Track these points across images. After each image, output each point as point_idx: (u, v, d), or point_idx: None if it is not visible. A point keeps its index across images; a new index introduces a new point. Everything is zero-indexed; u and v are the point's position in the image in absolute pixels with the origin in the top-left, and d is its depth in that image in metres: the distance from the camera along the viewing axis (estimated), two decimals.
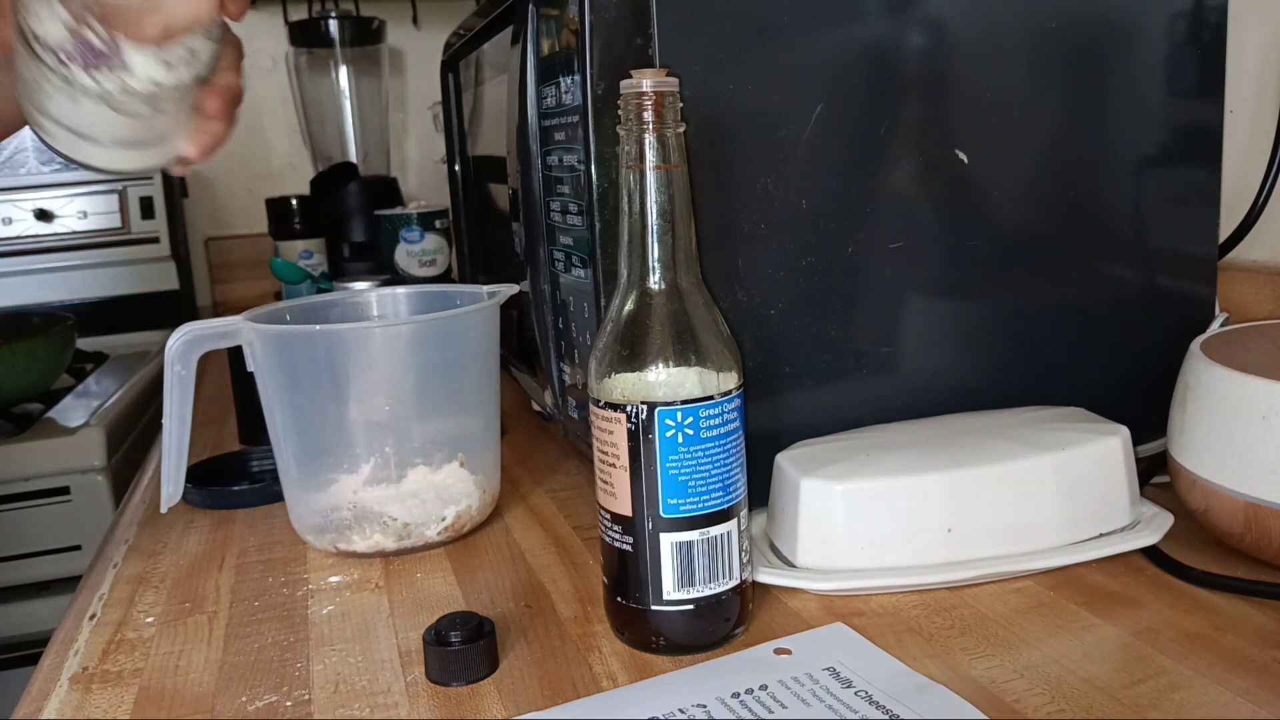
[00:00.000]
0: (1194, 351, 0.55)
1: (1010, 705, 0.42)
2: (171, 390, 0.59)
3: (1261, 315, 0.73)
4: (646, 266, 0.46)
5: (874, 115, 0.57)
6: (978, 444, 0.53)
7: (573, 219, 0.59)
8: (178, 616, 0.55)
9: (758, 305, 0.57)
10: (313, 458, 0.60)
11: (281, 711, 0.45)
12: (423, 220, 1.22)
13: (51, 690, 0.49)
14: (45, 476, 1.11)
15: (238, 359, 0.84)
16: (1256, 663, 0.44)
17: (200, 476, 0.75)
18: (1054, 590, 0.51)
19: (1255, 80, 0.75)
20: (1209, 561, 0.52)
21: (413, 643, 0.51)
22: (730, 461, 0.46)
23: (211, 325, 0.60)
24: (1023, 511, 0.52)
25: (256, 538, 0.66)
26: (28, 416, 1.19)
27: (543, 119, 0.62)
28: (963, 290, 0.61)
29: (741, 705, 0.42)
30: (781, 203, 0.56)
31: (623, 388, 0.46)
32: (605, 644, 0.49)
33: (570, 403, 0.65)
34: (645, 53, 0.53)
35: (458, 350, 0.61)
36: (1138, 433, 0.56)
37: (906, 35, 0.57)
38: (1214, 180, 0.66)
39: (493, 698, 0.45)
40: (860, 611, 0.50)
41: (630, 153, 0.45)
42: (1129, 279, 0.64)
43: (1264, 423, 0.49)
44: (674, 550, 0.46)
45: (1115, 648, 0.46)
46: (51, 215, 1.59)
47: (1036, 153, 0.61)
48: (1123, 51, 0.62)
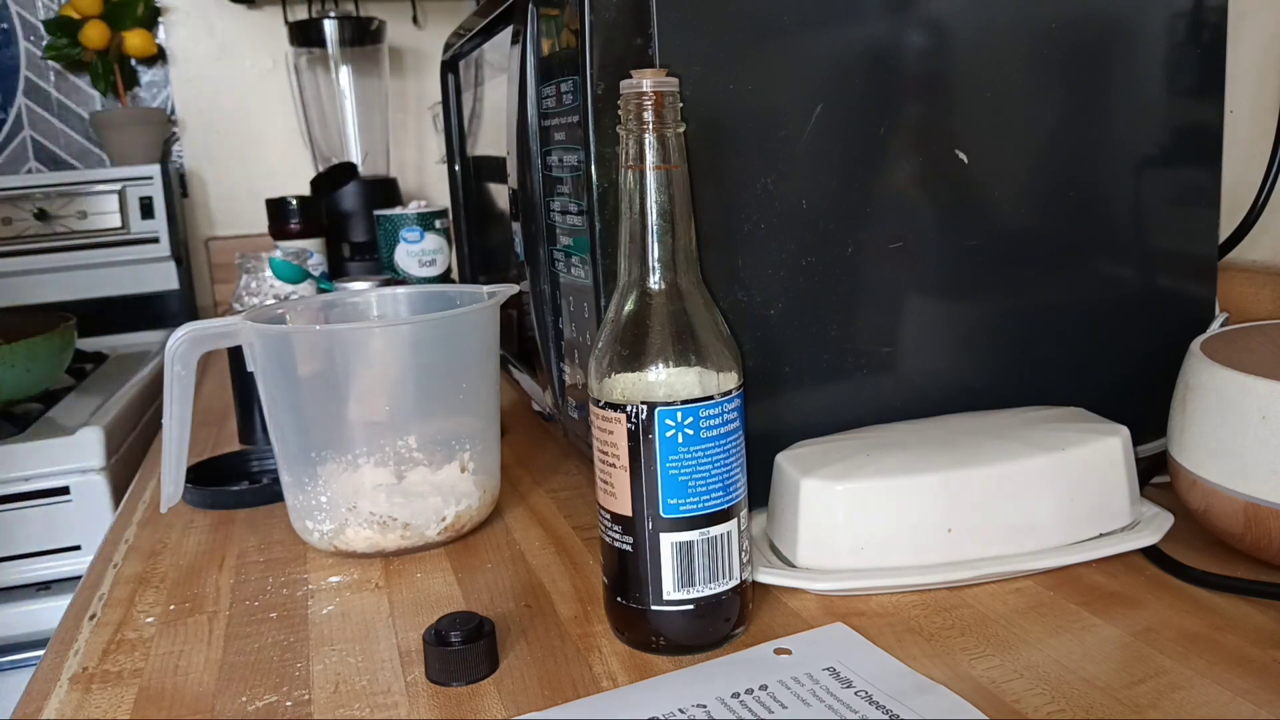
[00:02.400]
0: (1194, 351, 0.55)
1: (1010, 705, 0.42)
2: (171, 390, 0.59)
3: (1261, 315, 0.73)
4: (646, 266, 0.46)
5: (874, 115, 0.57)
6: (977, 444, 0.53)
7: (573, 219, 0.59)
8: (178, 616, 0.55)
9: (758, 305, 0.57)
10: (312, 458, 0.60)
11: (281, 711, 0.45)
12: (423, 220, 1.22)
13: (51, 690, 0.49)
14: (45, 476, 1.10)
15: (238, 359, 0.85)
16: (1256, 663, 0.44)
17: (200, 476, 0.75)
18: (1054, 590, 0.51)
19: (1255, 80, 0.75)
20: (1209, 561, 0.52)
21: (413, 643, 0.51)
22: (730, 461, 0.46)
23: (211, 325, 0.60)
24: (1023, 511, 0.52)
25: (256, 538, 0.66)
26: (28, 416, 1.19)
27: (543, 119, 0.62)
28: (963, 290, 0.61)
29: (741, 705, 0.42)
30: (781, 203, 0.56)
31: (623, 388, 0.46)
32: (605, 644, 0.49)
33: (570, 403, 0.65)
34: (645, 53, 0.53)
35: (458, 350, 0.61)
36: (1138, 433, 0.56)
37: (906, 35, 0.57)
38: (1214, 180, 0.66)
39: (493, 698, 0.45)
40: (860, 611, 0.50)
41: (630, 153, 0.45)
42: (1129, 279, 0.64)
43: (1264, 423, 0.49)
44: (674, 550, 0.46)
45: (1115, 648, 0.46)
46: (51, 215, 1.59)
47: (1036, 153, 0.61)
48: (1123, 51, 0.62)
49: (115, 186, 1.61)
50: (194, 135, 1.82)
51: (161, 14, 1.78)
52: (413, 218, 1.20)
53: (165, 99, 1.80)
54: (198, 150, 1.83)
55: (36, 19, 1.72)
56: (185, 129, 1.82)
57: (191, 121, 1.82)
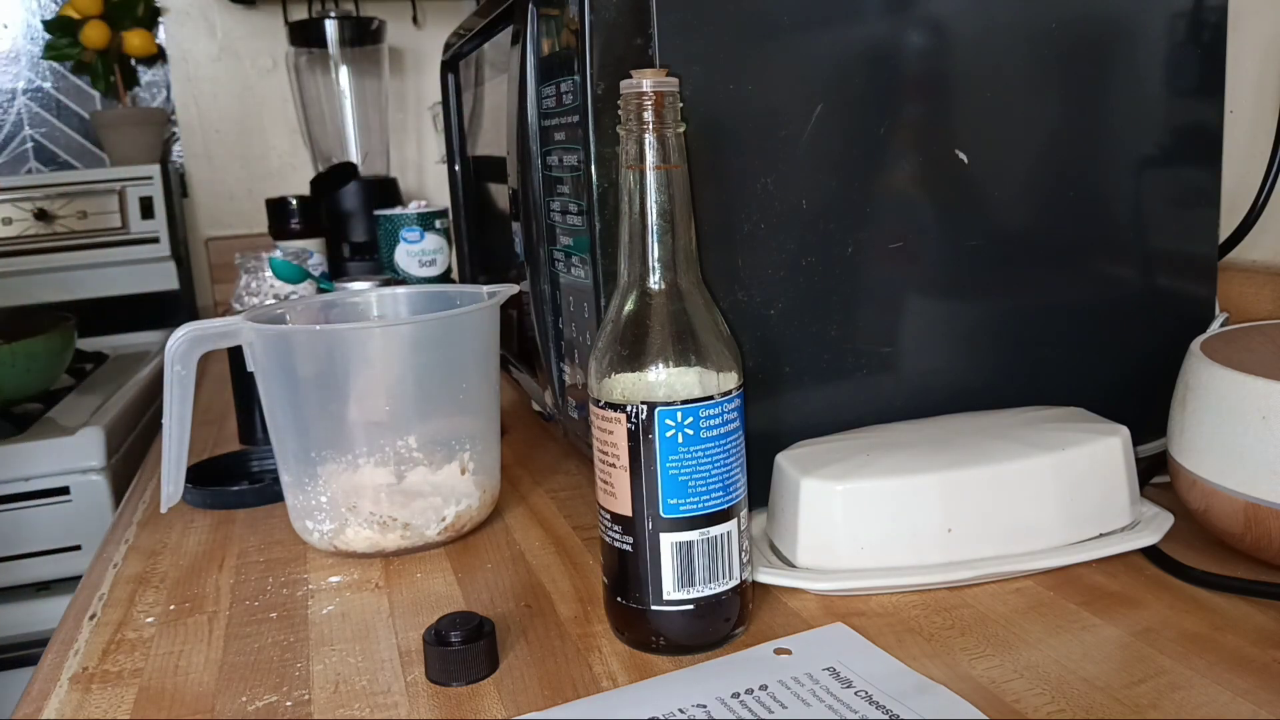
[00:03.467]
0: (1194, 351, 0.55)
1: (1010, 705, 0.42)
2: (171, 390, 0.59)
3: (1261, 315, 0.73)
4: (646, 266, 0.46)
5: (874, 115, 0.57)
6: (977, 444, 0.53)
7: (573, 219, 0.59)
8: (178, 616, 0.55)
9: (758, 305, 0.57)
10: (312, 458, 0.60)
11: (281, 711, 0.45)
12: (423, 220, 1.22)
13: (51, 690, 0.49)
14: (45, 476, 1.10)
15: (238, 359, 0.84)
16: (1256, 663, 0.44)
17: (200, 476, 0.75)
18: (1054, 590, 0.51)
19: (1255, 80, 0.75)
20: (1209, 561, 0.52)
21: (413, 643, 0.51)
22: (730, 461, 0.46)
23: (212, 325, 0.60)
24: (1023, 511, 0.52)
25: (256, 538, 0.66)
26: (28, 416, 1.19)
27: (543, 119, 0.62)
28: (963, 290, 0.61)
29: (741, 705, 0.42)
30: (781, 203, 0.56)
31: (623, 388, 0.46)
32: (605, 644, 0.49)
33: (570, 403, 0.65)
34: (645, 53, 0.53)
35: (458, 350, 0.61)
36: (1138, 433, 0.56)
37: (906, 35, 0.57)
38: (1214, 180, 0.66)
39: (493, 698, 0.45)
40: (860, 611, 0.50)
41: (630, 153, 0.45)
42: (1129, 279, 0.64)
43: (1264, 423, 0.49)
44: (674, 550, 0.46)
45: (1115, 648, 0.46)
46: (51, 215, 1.59)
47: (1036, 153, 0.61)
48: (1123, 52, 0.62)
49: (115, 186, 1.61)
50: (194, 135, 1.82)
51: (161, 14, 1.78)
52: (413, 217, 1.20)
53: (165, 99, 1.80)
54: (198, 150, 1.83)
55: (37, 19, 1.72)
56: (185, 129, 1.82)
57: (191, 121, 1.82)
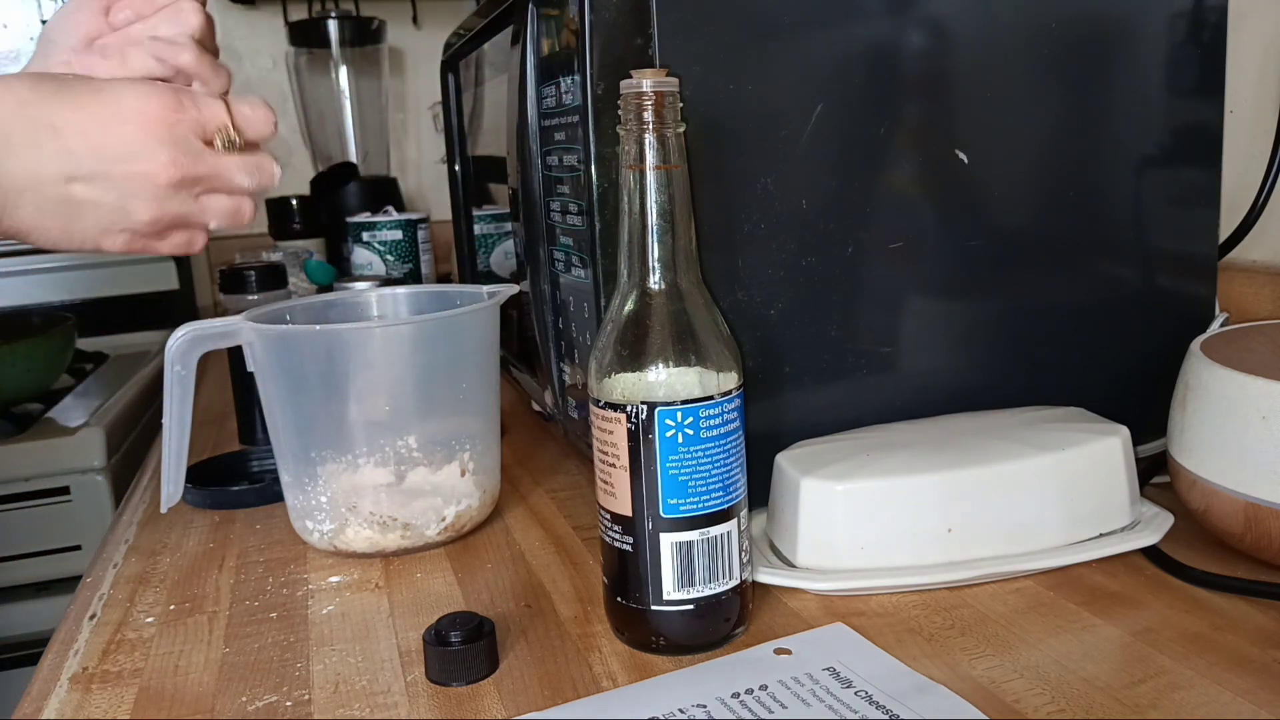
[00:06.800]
0: (1194, 351, 0.55)
1: (1010, 705, 0.42)
2: (171, 390, 0.59)
3: (1261, 315, 0.73)
4: (646, 266, 0.46)
5: (874, 115, 0.57)
6: (978, 444, 0.53)
7: (573, 219, 0.59)
8: (178, 616, 0.55)
9: (758, 305, 0.57)
10: (312, 458, 0.60)
11: (281, 711, 0.45)
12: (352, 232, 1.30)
13: (51, 690, 0.49)
14: (45, 476, 1.10)
15: (238, 359, 0.84)
16: (1256, 663, 0.44)
17: (200, 476, 0.75)
18: (1054, 590, 0.51)
19: (1255, 80, 0.75)
20: (1209, 561, 0.52)
21: (413, 643, 0.50)
22: (730, 461, 0.46)
23: (212, 325, 0.60)
24: (1023, 511, 0.52)
25: (256, 538, 0.66)
26: (28, 416, 1.19)
27: (543, 119, 0.62)
28: (962, 290, 0.61)
29: (741, 705, 0.42)
30: (781, 203, 0.56)
31: (623, 388, 0.46)
32: (605, 644, 0.49)
33: (570, 403, 0.65)
34: (645, 53, 0.53)
35: (458, 350, 0.61)
36: (1138, 433, 0.56)
37: (906, 35, 0.57)
38: (1214, 180, 0.66)
39: (493, 698, 0.45)
40: (860, 611, 0.50)
41: (630, 153, 0.45)
42: (1129, 279, 0.64)
43: (1264, 423, 0.49)
44: (674, 550, 0.46)
45: (1115, 648, 0.46)
46: None
47: (1036, 153, 0.61)
48: (1123, 51, 0.62)
49: None
50: None
51: None
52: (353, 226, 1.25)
53: None
54: None
55: (37, 19, 1.72)
56: None
57: None
